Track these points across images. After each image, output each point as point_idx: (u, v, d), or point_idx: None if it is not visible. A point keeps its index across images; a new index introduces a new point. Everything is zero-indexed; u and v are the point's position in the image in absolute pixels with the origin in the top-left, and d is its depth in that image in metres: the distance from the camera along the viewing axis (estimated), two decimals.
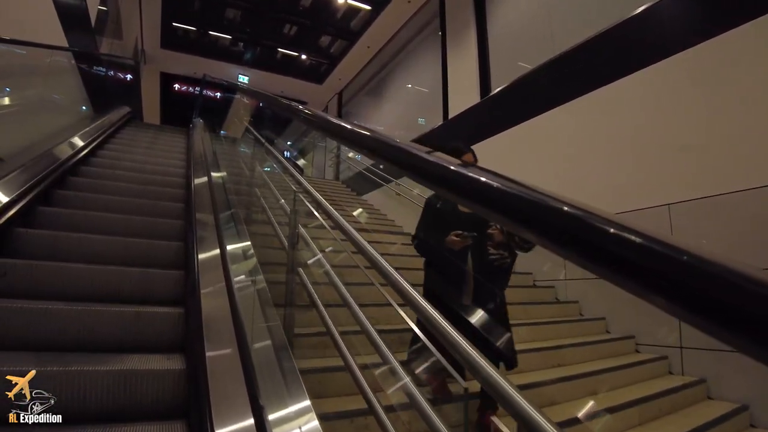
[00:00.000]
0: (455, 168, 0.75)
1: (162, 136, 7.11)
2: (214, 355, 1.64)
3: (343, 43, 10.99)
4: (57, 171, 3.48)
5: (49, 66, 4.16)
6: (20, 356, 1.68)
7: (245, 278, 2.15)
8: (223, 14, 10.50)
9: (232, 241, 2.56)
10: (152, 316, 2.03)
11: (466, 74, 6.67)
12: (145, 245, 2.73)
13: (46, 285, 2.18)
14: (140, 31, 11.19)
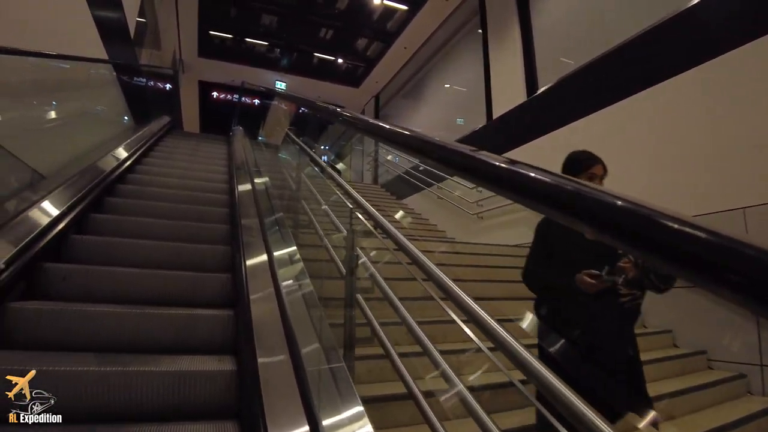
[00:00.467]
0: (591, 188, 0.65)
1: (203, 144, 7.36)
2: (266, 357, 1.69)
3: (380, 45, 11.05)
4: (106, 180, 3.71)
5: (92, 79, 4.37)
6: (82, 357, 1.81)
7: (293, 283, 2.20)
8: (259, 21, 10.80)
9: (278, 245, 2.63)
10: (202, 318, 2.13)
11: (511, 72, 6.54)
12: (192, 249, 2.87)
13: (102, 289, 2.34)
14: (178, 41, 11.70)
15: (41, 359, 1.70)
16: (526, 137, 5.74)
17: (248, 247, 2.62)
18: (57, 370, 1.59)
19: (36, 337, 1.92)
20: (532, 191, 0.72)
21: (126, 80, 5.77)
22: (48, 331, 1.94)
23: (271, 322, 1.89)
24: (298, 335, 1.76)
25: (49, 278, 2.29)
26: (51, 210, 2.69)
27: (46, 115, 3.44)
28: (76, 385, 1.61)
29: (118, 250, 2.72)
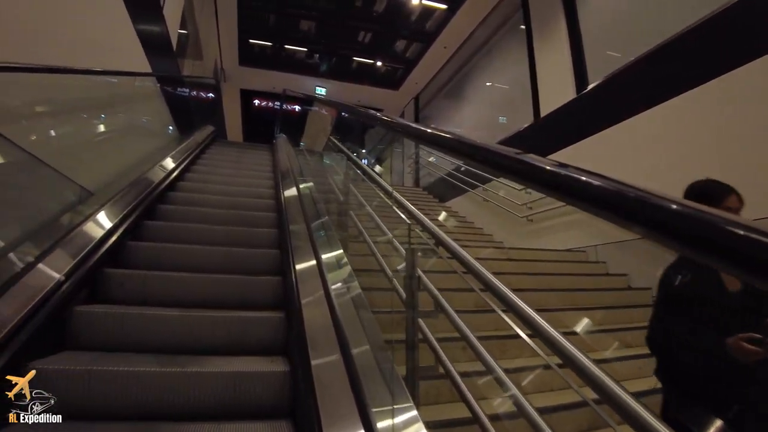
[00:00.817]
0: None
1: (247, 152, 7.61)
2: (319, 359, 1.73)
3: (419, 46, 11.06)
4: (157, 189, 3.93)
5: (137, 93, 4.55)
6: (141, 358, 1.93)
7: (341, 286, 2.24)
8: (298, 27, 11.06)
9: (326, 249, 2.69)
10: (254, 320, 2.23)
11: (558, 68, 6.37)
12: (242, 253, 3.00)
13: (158, 292, 2.49)
14: (219, 50, 12.17)
15: (104, 360, 1.83)
16: (576, 136, 5.56)
17: (297, 251, 2.70)
18: (120, 370, 1.72)
19: (99, 338, 2.07)
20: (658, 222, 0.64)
21: (170, 92, 5.99)
22: (110, 333, 2.08)
23: (322, 324, 1.93)
24: (350, 337, 1.79)
25: (109, 283, 2.46)
26: (109, 219, 2.88)
27: (95, 129, 3.62)
28: (138, 385, 1.72)
29: (171, 255, 2.89)
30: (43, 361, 1.73)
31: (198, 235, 3.25)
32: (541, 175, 0.94)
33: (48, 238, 2.34)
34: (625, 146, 4.88)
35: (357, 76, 13.30)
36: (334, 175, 4.38)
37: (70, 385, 1.66)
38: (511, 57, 8.33)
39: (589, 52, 6.13)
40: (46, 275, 2.09)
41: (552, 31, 6.63)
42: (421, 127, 1.82)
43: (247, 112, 15.75)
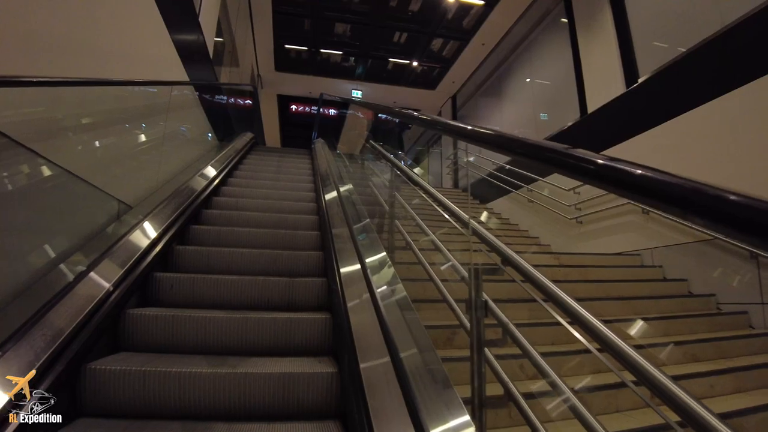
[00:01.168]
0: None
1: (286, 158, 7.74)
2: (367, 360, 1.75)
3: (456, 44, 10.98)
4: (202, 194, 4.10)
5: (175, 102, 4.52)
6: (193, 359, 2.01)
7: (386, 289, 2.24)
8: (332, 30, 11.19)
9: (368, 252, 2.71)
10: (300, 321, 2.28)
11: (605, 61, 6.17)
12: (286, 256, 3.08)
13: (206, 295, 2.60)
14: (255, 57, 12.46)
15: (158, 361, 1.92)
16: (627, 133, 5.34)
17: (340, 253, 2.76)
18: (174, 371, 1.80)
19: (151, 340, 2.18)
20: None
21: (208, 100, 6.06)
22: (161, 335, 2.18)
23: (369, 325, 1.95)
24: (397, 339, 1.79)
25: (159, 286, 2.59)
26: (156, 225, 3.01)
27: (136, 140, 3.62)
28: (192, 386, 1.80)
29: (217, 258, 3.01)
30: (99, 361, 1.85)
31: (242, 237, 3.41)
32: (627, 176, 0.89)
33: (95, 250, 2.45)
34: (682, 143, 4.64)
35: (393, 78, 13.34)
36: (373, 177, 4.41)
37: (126, 384, 1.77)
38: (552, 52, 8.17)
39: (638, 43, 5.87)
40: (100, 281, 2.20)
41: (597, 23, 6.42)
42: (476, 127, 1.76)
43: (285, 117, 16.09)
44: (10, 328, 1.68)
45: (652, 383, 0.98)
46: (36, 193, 2.15)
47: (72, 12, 2.45)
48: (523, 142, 1.33)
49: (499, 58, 10.49)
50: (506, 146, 1.43)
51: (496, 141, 1.52)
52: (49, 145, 2.23)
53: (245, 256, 3.03)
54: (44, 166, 2.16)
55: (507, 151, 1.44)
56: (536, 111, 8.63)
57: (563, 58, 7.40)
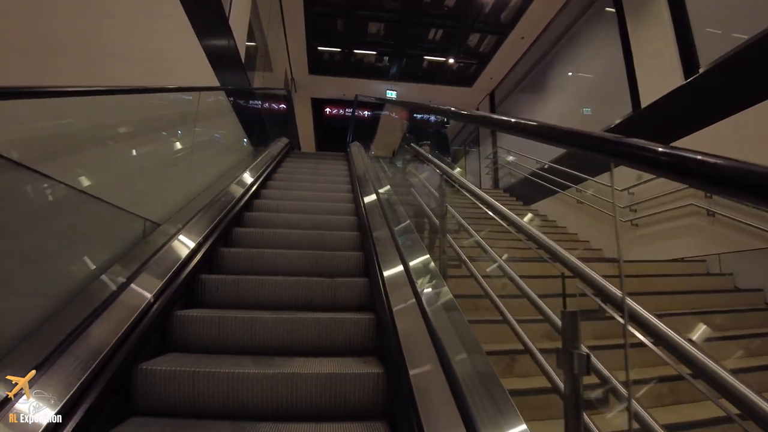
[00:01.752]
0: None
1: (322, 162, 7.74)
2: (414, 361, 1.75)
3: (494, 39, 10.78)
4: (244, 198, 4.27)
5: (206, 109, 4.41)
6: (240, 360, 2.08)
7: (431, 291, 2.25)
8: (366, 30, 11.23)
9: (410, 252, 2.75)
10: (345, 322, 2.33)
11: (660, 51, 5.85)
12: (327, 257, 3.16)
13: (250, 296, 2.70)
14: (288, 60, 12.64)
15: (206, 361, 2.01)
16: (688, 127, 4.98)
17: (382, 254, 2.81)
18: (222, 372, 1.88)
19: (199, 340, 2.27)
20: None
21: (241, 105, 6.01)
22: (208, 336, 2.28)
23: (414, 325, 1.97)
24: (444, 340, 1.79)
25: (205, 288, 2.71)
26: (202, 226, 3.15)
27: (168, 150, 3.58)
28: (239, 386, 1.87)
29: (261, 258, 3.12)
30: (150, 362, 1.94)
31: (283, 239, 3.55)
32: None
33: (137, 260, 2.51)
34: (758, 136, 4.27)
35: (428, 76, 13.28)
36: (415, 183, 4.28)
37: (176, 384, 1.85)
38: (597, 44, 7.91)
39: (697, 30, 5.48)
40: (149, 284, 2.31)
41: (649, 10, 6.09)
42: (533, 121, 1.67)
43: (319, 120, 16.26)
44: (64, 332, 1.79)
45: None
46: (49, 220, 2.05)
47: (89, 17, 2.36)
48: (602, 137, 1.20)
49: (539, 52, 10.27)
50: (572, 141, 1.35)
51: (556, 135, 1.42)
52: (65, 163, 2.13)
53: (287, 256, 3.15)
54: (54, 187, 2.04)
55: (572, 145, 1.35)
56: (581, 106, 8.33)
57: (610, 50, 7.15)
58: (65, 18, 2.13)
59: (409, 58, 12.37)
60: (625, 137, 1.08)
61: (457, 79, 13.15)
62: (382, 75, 13.35)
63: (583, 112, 8.20)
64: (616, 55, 6.85)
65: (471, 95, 13.58)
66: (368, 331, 2.31)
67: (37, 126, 1.97)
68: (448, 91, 13.54)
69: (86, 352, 1.73)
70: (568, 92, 8.91)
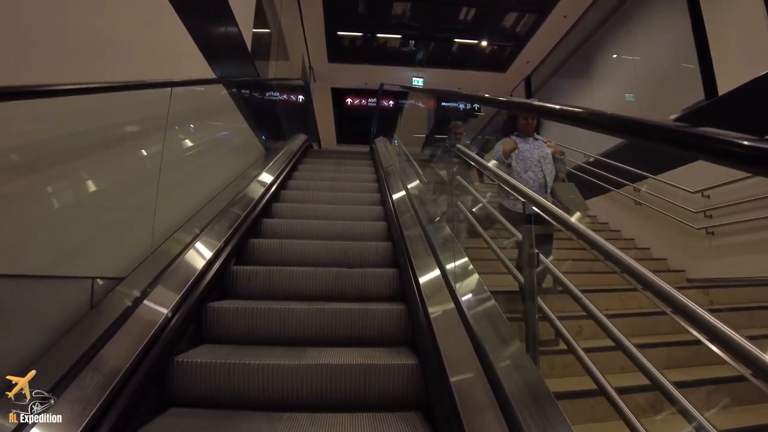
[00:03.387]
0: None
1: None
2: (450, 354, 1.82)
3: (532, 18, 10.46)
4: (273, 186, 4.54)
5: (198, 108, 3.77)
6: (274, 351, 2.20)
7: (464, 282, 2.33)
8: (390, 11, 11.05)
9: (438, 238, 2.90)
10: (377, 312, 2.46)
11: (745, 28, 5.02)
12: (356, 247, 3.30)
13: (281, 286, 2.84)
14: (306, 48, 12.51)
15: (241, 353, 2.12)
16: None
17: (410, 241, 2.98)
18: (257, 363, 1.98)
19: (232, 332, 2.39)
20: None
21: (247, 100, 5.38)
22: (242, 327, 2.39)
23: (444, 314, 2.09)
24: (478, 330, 1.86)
25: (236, 279, 2.85)
26: (232, 219, 3.26)
27: (127, 172, 2.63)
28: (274, 377, 1.97)
29: (290, 249, 3.26)
30: (186, 354, 2.07)
31: (312, 229, 3.70)
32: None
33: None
34: None
35: (458, 61, 12.98)
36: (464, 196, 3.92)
37: (212, 376, 1.97)
38: (657, 22, 7.34)
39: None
40: (182, 277, 2.41)
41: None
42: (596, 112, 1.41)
43: (340, 111, 16.23)
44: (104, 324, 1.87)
45: None
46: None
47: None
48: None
49: (583, 33, 9.91)
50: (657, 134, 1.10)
51: (623, 125, 1.22)
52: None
53: (316, 247, 3.30)
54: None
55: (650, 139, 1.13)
56: (635, 93, 7.58)
57: (674, 29, 6.63)
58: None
59: (437, 41, 12.12)
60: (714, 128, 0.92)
61: (490, 64, 12.88)
62: (407, 61, 13.10)
63: (638, 100, 7.67)
64: (682, 35, 6.31)
65: (504, 81, 13.39)
66: (400, 320, 2.44)
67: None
68: (479, 76, 13.26)
69: (130, 339, 1.86)
70: (619, 77, 8.50)
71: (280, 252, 3.34)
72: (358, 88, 14.94)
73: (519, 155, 3.90)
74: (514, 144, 3.95)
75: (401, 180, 4.82)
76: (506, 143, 4.00)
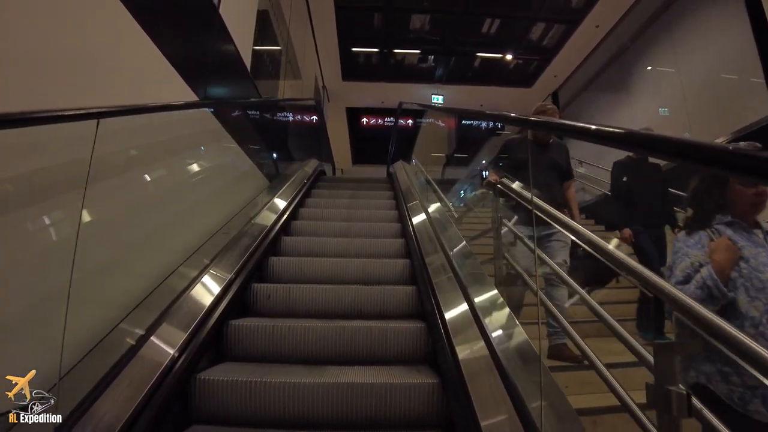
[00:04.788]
0: None
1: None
2: (471, 372, 1.85)
3: (561, 29, 10.46)
4: (291, 204, 4.58)
5: (170, 141, 3.04)
6: (294, 369, 2.28)
7: (483, 298, 2.35)
8: (407, 25, 11.03)
9: (459, 255, 2.89)
10: (396, 330, 2.52)
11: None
12: (375, 264, 3.36)
13: (301, 304, 2.89)
14: (318, 66, 12.44)
15: (261, 371, 2.21)
16: None
17: (428, 256, 3.04)
18: (278, 382, 2.06)
19: (253, 350, 2.46)
20: None
21: (247, 125, 4.89)
22: (262, 345, 2.47)
23: (466, 333, 2.10)
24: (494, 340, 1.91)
25: (257, 297, 2.91)
26: (253, 235, 3.32)
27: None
28: (295, 396, 2.03)
29: (309, 267, 3.33)
30: (207, 372, 2.16)
31: (327, 247, 3.76)
32: None
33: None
34: None
35: (480, 77, 12.86)
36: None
37: (233, 394, 2.04)
38: (707, 28, 6.77)
39: None
40: (203, 297, 2.43)
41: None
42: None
43: (355, 131, 16.27)
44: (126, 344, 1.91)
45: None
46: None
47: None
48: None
49: (617, 43, 9.57)
50: None
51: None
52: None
53: (334, 264, 3.35)
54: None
55: None
56: (680, 108, 6.88)
57: (730, 36, 6.17)
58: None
59: (458, 56, 12.07)
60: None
61: (515, 79, 12.83)
62: (426, 77, 13.07)
63: (687, 116, 7.01)
64: (740, 43, 5.89)
65: (529, 96, 13.26)
66: (419, 338, 2.45)
67: None
68: (502, 92, 13.16)
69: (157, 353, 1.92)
70: (663, 91, 8.17)
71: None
72: (374, 107, 14.97)
73: (749, 273, 1.73)
74: (733, 248, 1.77)
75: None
76: (719, 249, 1.77)
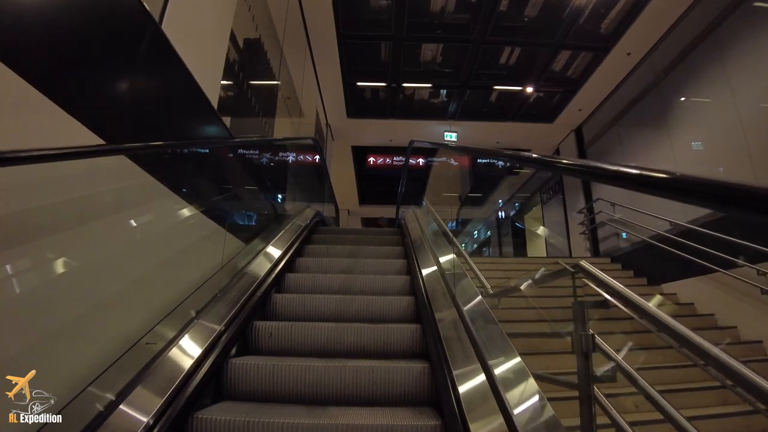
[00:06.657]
0: None
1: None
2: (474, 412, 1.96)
3: (587, 58, 10.08)
4: (299, 239, 4.80)
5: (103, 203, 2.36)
6: (294, 409, 2.32)
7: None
8: (418, 56, 10.72)
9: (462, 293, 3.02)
10: (399, 370, 2.56)
11: None
12: (379, 302, 3.46)
13: (303, 342, 2.95)
14: (321, 101, 12.18)
15: (261, 411, 2.25)
16: None
17: (434, 299, 3.08)
18: (277, 422, 2.09)
19: (253, 389, 2.52)
20: None
21: (211, 175, 3.96)
22: (262, 384, 2.52)
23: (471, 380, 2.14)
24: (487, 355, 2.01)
25: (259, 334, 3.01)
26: (258, 271, 3.51)
27: None
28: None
29: (312, 304, 3.51)
30: (206, 411, 2.21)
31: (333, 283, 3.96)
32: None
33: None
34: None
35: (496, 112, 12.65)
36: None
37: None
38: (757, 55, 6.26)
39: None
40: (207, 332, 2.52)
41: None
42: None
43: (361, 171, 16.19)
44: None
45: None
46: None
47: None
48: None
49: (651, 72, 8.81)
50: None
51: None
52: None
53: (338, 302, 3.48)
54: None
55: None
56: (732, 145, 6.14)
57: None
58: None
59: (473, 89, 11.82)
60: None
61: (534, 114, 12.60)
62: (437, 114, 12.86)
63: (745, 151, 6.22)
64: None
65: (550, 132, 13.04)
66: (422, 379, 2.47)
67: None
68: (520, 129, 12.97)
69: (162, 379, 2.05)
70: (710, 125, 7.35)
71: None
72: (381, 146, 14.82)
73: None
74: None
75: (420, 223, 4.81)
76: None
